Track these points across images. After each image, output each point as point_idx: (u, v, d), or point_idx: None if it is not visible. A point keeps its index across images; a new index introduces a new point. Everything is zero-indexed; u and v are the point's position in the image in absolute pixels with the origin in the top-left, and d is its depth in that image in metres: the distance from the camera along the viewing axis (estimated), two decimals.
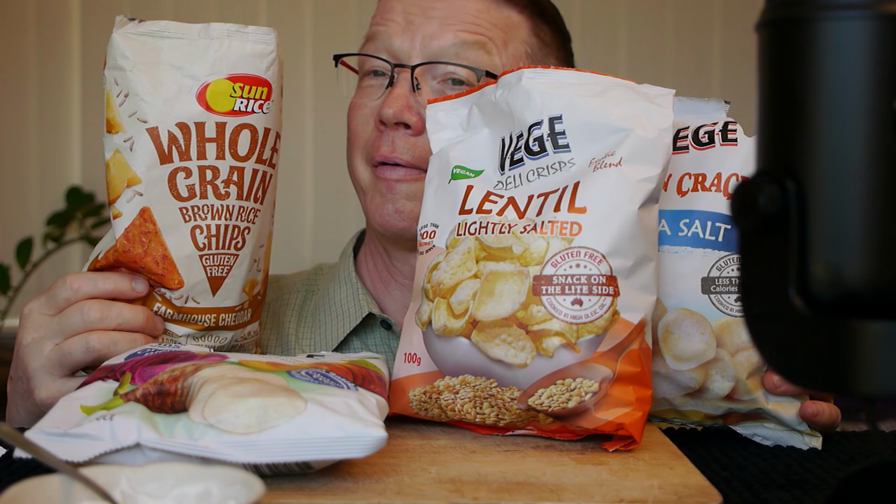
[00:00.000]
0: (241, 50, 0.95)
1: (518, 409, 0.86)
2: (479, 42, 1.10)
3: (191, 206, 0.94)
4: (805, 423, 0.93)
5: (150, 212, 0.93)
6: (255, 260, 1.00)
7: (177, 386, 0.76)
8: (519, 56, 1.13)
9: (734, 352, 0.92)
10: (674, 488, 0.74)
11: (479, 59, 1.09)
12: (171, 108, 0.92)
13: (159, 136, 0.92)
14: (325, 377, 0.80)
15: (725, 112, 0.99)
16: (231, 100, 0.94)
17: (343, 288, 1.21)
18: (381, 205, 1.12)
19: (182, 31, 0.94)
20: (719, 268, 0.93)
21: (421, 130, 1.08)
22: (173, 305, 0.96)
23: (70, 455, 0.70)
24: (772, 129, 0.56)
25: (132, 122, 0.93)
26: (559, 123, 0.90)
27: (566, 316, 0.84)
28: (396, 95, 1.09)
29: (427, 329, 0.90)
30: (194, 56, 0.93)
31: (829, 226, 0.53)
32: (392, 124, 1.09)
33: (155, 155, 0.92)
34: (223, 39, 0.94)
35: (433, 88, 1.10)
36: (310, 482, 0.73)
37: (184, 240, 0.94)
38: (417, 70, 1.10)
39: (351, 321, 1.17)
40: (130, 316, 0.93)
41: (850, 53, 0.52)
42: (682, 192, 0.96)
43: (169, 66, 0.93)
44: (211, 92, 0.93)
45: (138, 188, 0.93)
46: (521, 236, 0.87)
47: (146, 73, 0.92)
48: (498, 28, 1.11)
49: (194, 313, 0.96)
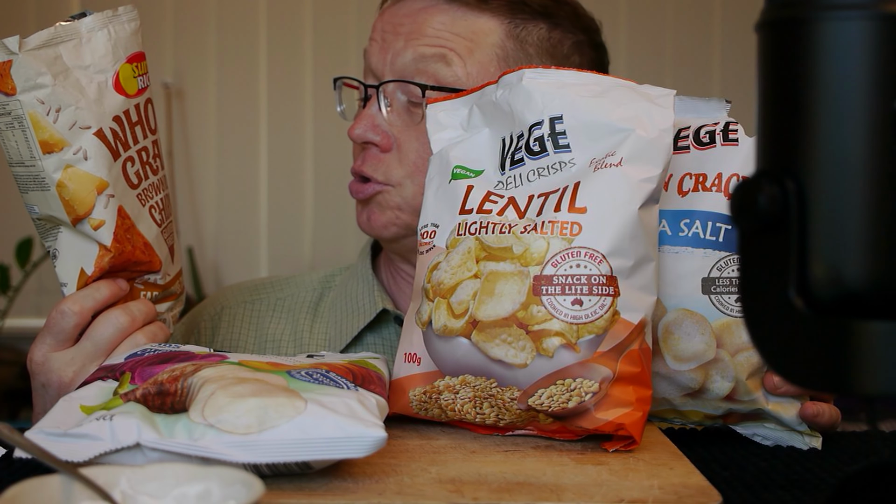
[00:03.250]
0: (123, 31, 0.97)
1: (518, 410, 0.86)
2: (439, 54, 1.10)
3: (142, 190, 0.99)
4: (805, 424, 0.93)
5: (123, 208, 0.96)
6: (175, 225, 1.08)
7: (177, 386, 0.76)
8: (488, 61, 1.11)
9: (734, 352, 0.92)
10: (674, 488, 0.74)
11: (438, 71, 1.10)
12: (104, 107, 0.95)
13: (106, 137, 0.95)
14: (325, 377, 0.80)
15: (726, 112, 0.99)
16: (136, 80, 0.98)
17: (360, 284, 1.23)
18: (358, 214, 1.16)
19: (70, 32, 0.94)
20: (720, 268, 0.93)
21: (388, 148, 1.11)
22: (156, 286, 1.01)
23: (70, 455, 0.70)
24: (772, 129, 0.56)
25: (75, 133, 0.93)
26: (560, 123, 0.90)
27: (566, 316, 0.84)
28: (363, 115, 1.12)
29: (427, 329, 0.91)
30: (94, 52, 0.95)
31: (829, 226, 0.53)
32: (360, 143, 1.12)
33: (109, 155, 0.95)
34: (107, 27, 0.96)
35: (404, 105, 1.11)
36: (310, 482, 0.73)
37: (148, 222, 0.99)
38: (390, 87, 1.11)
39: (365, 317, 1.19)
40: (145, 308, 0.97)
41: (850, 53, 0.52)
42: (683, 192, 0.96)
43: (77, 68, 0.94)
44: (122, 79, 0.97)
45: (109, 191, 0.95)
46: (522, 236, 0.87)
47: (68, 82, 0.93)
48: (461, 37, 1.12)
49: (170, 286, 1.03)
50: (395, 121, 1.11)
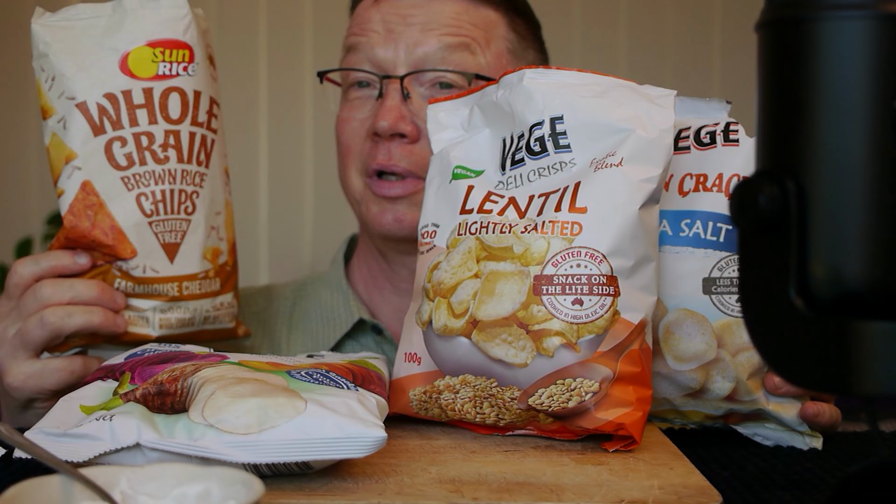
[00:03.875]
0: (155, 17, 0.97)
1: (518, 409, 0.86)
2: (463, 44, 1.10)
3: (132, 175, 0.96)
4: (805, 424, 0.93)
5: (92, 184, 0.95)
6: (212, 227, 1.02)
7: (176, 386, 0.76)
8: (501, 52, 1.14)
9: (735, 352, 0.92)
10: (674, 488, 0.74)
11: (464, 61, 1.10)
12: (97, 81, 0.95)
13: (89, 110, 0.95)
14: (325, 377, 0.80)
15: (727, 112, 0.99)
16: (154, 65, 0.97)
17: (334, 294, 1.22)
18: (379, 214, 1.13)
19: (97, 11, 0.97)
20: (720, 268, 0.93)
21: (416, 138, 1.10)
22: (132, 277, 0.97)
23: (70, 455, 0.70)
24: (772, 129, 0.56)
25: (62, 103, 0.95)
26: (560, 124, 0.90)
27: (567, 316, 0.84)
28: (389, 107, 1.09)
29: (427, 329, 0.91)
30: (112, 30, 0.96)
31: (829, 226, 0.53)
32: (388, 136, 1.09)
33: (88, 128, 0.95)
34: (137, 10, 0.97)
35: (422, 95, 1.11)
36: (310, 482, 0.73)
37: (130, 208, 0.96)
38: (406, 79, 1.10)
39: (342, 327, 1.18)
40: (83, 289, 0.94)
41: (850, 53, 0.52)
42: (684, 192, 0.96)
43: (89, 43, 0.96)
44: (133, 60, 0.96)
45: (76, 163, 0.95)
46: (522, 236, 0.87)
47: (69, 53, 0.95)
48: (478, 28, 1.12)
49: (155, 283, 0.98)
50: (422, 111, 1.09)
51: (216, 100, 1.02)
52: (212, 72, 1.02)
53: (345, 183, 1.18)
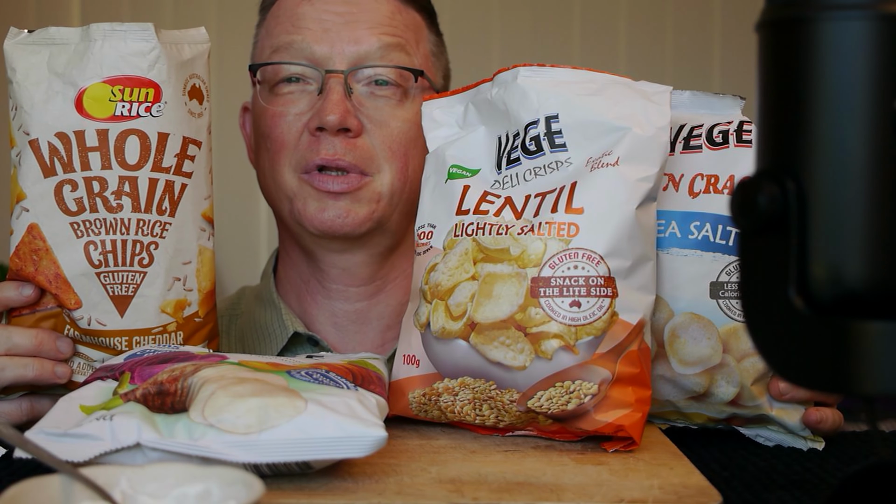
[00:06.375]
0: (119, 50, 0.89)
1: (517, 412, 0.86)
2: (399, 44, 1.11)
3: (81, 221, 0.90)
4: (808, 430, 0.93)
5: (39, 228, 0.90)
6: (175, 279, 0.94)
7: (177, 386, 0.76)
8: (427, 54, 1.15)
9: (740, 358, 0.91)
10: (674, 488, 0.74)
11: (401, 61, 1.11)
12: (50, 118, 0.89)
13: (40, 149, 0.89)
14: (325, 377, 0.80)
15: (740, 108, 0.96)
16: (111, 104, 0.89)
17: (267, 310, 1.20)
18: (318, 210, 1.10)
19: (67, 37, 0.90)
20: (728, 273, 0.92)
21: (360, 133, 1.09)
22: (78, 327, 0.91)
23: (70, 455, 0.70)
24: (772, 129, 0.56)
25: (20, 136, 0.90)
26: (556, 122, 0.90)
27: (564, 318, 0.84)
28: (336, 102, 1.08)
29: (425, 331, 0.90)
30: (73, 61, 0.90)
31: (829, 226, 0.53)
32: (334, 131, 1.09)
33: (38, 168, 0.89)
34: (99, 41, 0.90)
35: (360, 91, 1.10)
36: (310, 482, 0.73)
37: (77, 256, 0.90)
38: (348, 74, 1.10)
39: (278, 342, 1.16)
40: (20, 339, 0.90)
41: (850, 53, 0.52)
42: (694, 193, 0.94)
43: (53, 74, 0.89)
44: (88, 98, 0.89)
45: (24, 203, 0.90)
46: (519, 238, 0.87)
47: (32, 84, 0.89)
48: (410, 29, 1.13)
49: (101, 335, 0.91)
50: (363, 106, 1.09)
51: (196, 139, 0.93)
52: (193, 108, 0.93)
53: (275, 179, 1.14)
